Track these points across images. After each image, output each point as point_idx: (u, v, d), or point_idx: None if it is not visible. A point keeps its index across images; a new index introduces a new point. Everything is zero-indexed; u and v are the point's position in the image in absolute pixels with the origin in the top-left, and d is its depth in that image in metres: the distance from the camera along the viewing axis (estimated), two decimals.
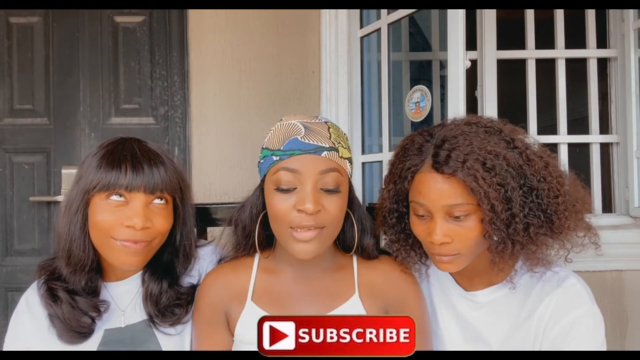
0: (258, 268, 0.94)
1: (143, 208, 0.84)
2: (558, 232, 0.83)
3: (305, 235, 0.81)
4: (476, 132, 0.84)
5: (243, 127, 2.08)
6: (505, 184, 0.80)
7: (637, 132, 1.93)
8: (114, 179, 0.83)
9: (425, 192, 0.83)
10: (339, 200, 0.83)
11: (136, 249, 0.85)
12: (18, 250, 2.12)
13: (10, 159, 2.14)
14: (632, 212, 1.93)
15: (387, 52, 1.87)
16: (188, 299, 0.94)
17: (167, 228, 0.90)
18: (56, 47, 2.13)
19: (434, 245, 0.83)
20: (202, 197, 1.99)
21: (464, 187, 0.80)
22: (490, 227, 0.80)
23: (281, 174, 0.82)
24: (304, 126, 0.84)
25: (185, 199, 0.94)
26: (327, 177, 0.81)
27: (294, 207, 0.81)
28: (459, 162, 0.80)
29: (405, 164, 0.88)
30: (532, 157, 0.84)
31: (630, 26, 1.94)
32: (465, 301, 0.94)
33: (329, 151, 0.83)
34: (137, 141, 0.91)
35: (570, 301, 0.86)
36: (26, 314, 0.91)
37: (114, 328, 0.91)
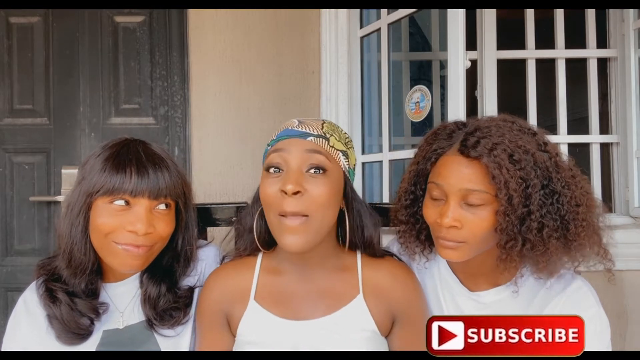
0: (261, 268, 0.93)
1: (146, 213, 0.84)
2: (571, 240, 0.82)
3: (292, 222, 0.80)
4: (510, 127, 0.85)
5: (243, 127, 2.08)
6: (528, 179, 0.79)
7: (637, 132, 1.93)
8: (119, 184, 0.82)
9: (446, 174, 0.84)
10: (324, 186, 0.82)
11: (137, 253, 0.84)
12: (18, 250, 2.12)
13: (10, 159, 2.14)
14: (632, 212, 1.93)
15: (387, 52, 1.87)
16: (186, 301, 0.94)
17: (168, 233, 0.89)
18: (56, 47, 2.13)
19: (442, 228, 0.83)
20: (202, 197, 1.99)
21: (486, 175, 0.80)
22: (503, 219, 0.80)
23: (270, 157, 0.85)
24: (299, 120, 0.88)
25: (188, 204, 0.93)
26: (312, 158, 0.82)
27: (280, 191, 0.81)
28: (487, 149, 0.80)
29: (432, 146, 0.89)
30: (560, 164, 0.83)
31: (630, 26, 1.94)
32: (470, 302, 0.93)
33: (317, 137, 0.84)
34: (141, 143, 0.89)
35: (577, 304, 0.86)
36: (24, 314, 0.90)
37: (113, 329, 0.91)
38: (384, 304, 0.89)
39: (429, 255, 0.97)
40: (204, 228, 1.16)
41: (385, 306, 0.89)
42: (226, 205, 1.17)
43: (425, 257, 0.97)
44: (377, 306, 0.89)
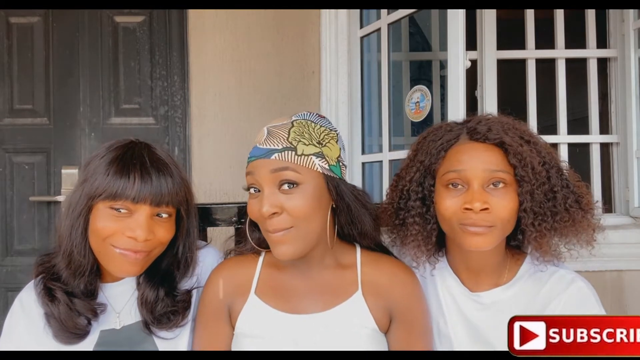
0: (263, 263, 0.94)
1: (147, 220, 0.83)
2: (586, 210, 0.87)
3: (277, 235, 0.82)
4: (512, 123, 0.90)
5: (243, 127, 2.08)
6: (545, 162, 0.86)
7: (637, 132, 1.93)
8: (122, 189, 0.81)
9: (465, 159, 0.85)
10: (300, 199, 0.82)
11: (135, 258, 0.84)
12: (18, 250, 2.12)
13: (10, 159, 2.14)
14: (632, 212, 1.93)
15: (387, 52, 1.87)
16: (185, 305, 0.93)
17: (168, 239, 0.89)
18: (56, 47, 2.13)
19: (470, 214, 0.83)
20: (202, 197, 1.99)
21: (503, 157, 0.84)
22: (531, 196, 0.84)
23: (247, 178, 0.86)
24: (268, 131, 0.87)
25: (190, 210, 0.93)
26: (280, 176, 0.82)
27: (259, 211, 0.83)
28: (502, 131, 0.86)
29: (437, 142, 0.90)
30: (561, 167, 0.89)
31: (630, 26, 1.94)
32: (470, 302, 0.93)
33: (281, 152, 0.83)
34: (146, 147, 0.88)
35: (579, 304, 0.86)
36: (20, 315, 0.90)
37: (110, 329, 0.91)
38: (382, 301, 0.89)
39: (439, 256, 0.97)
40: (203, 228, 1.16)
41: (383, 303, 0.89)
42: (226, 205, 1.17)
43: (435, 260, 0.96)
44: (376, 303, 0.89)
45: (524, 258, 0.94)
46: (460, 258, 0.94)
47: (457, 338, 0.94)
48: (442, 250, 0.99)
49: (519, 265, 0.93)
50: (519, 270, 0.92)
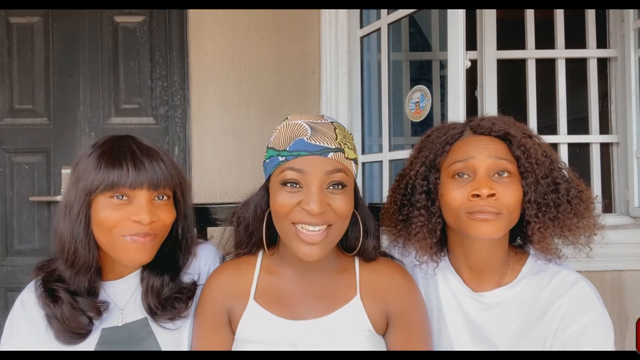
0: (261, 268, 0.94)
1: (147, 203, 0.85)
2: (587, 202, 0.89)
3: (313, 238, 0.81)
4: (514, 121, 0.93)
5: (243, 127, 2.08)
6: (547, 155, 0.89)
7: (637, 132, 1.93)
8: (117, 178, 0.83)
9: (471, 149, 0.87)
10: (345, 199, 0.83)
11: (144, 242, 0.85)
12: (18, 250, 2.12)
13: (10, 159, 2.14)
14: (632, 212, 1.93)
15: (387, 52, 1.87)
16: (189, 294, 0.95)
17: (171, 221, 0.91)
18: (56, 47, 2.13)
19: (478, 201, 0.83)
20: (202, 197, 1.99)
21: (508, 149, 0.87)
22: (535, 187, 0.86)
23: (287, 173, 0.81)
24: (310, 127, 0.83)
25: (185, 192, 0.95)
26: (333, 177, 0.81)
27: (298, 205, 0.81)
28: (506, 125, 0.89)
29: (441, 137, 0.92)
30: (561, 165, 0.91)
31: (630, 26, 1.94)
32: (473, 302, 0.93)
33: (336, 152, 0.82)
34: (131, 138, 0.91)
35: (581, 305, 0.86)
36: (22, 315, 0.90)
37: (112, 327, 0.91)
38: (381, 306, 0.90)
39: (441, 256, 0.97)
40: (203, 228, 1.16)
41: (380, 306, 0.89)
42: (226, 205, 1.17)
43: (438, 259, 0.96)
44: (374, 307, 0.89)
45: (526, 258, 0.94)
46: (463, 257, 0.94)
47: (459, 338, 0.94)
48: (444, 250, 0.99)
49: (522, 265, 0.93)
50: (522, 270, 0.92)
